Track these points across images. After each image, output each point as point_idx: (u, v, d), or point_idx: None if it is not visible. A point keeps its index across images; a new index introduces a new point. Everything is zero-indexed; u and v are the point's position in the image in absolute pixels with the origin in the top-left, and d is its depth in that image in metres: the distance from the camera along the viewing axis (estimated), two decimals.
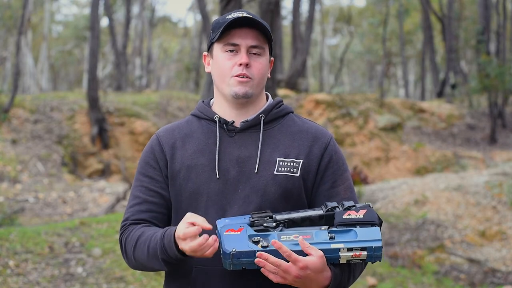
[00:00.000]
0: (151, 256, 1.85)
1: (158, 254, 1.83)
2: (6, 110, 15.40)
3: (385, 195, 10.32)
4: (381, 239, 1.77)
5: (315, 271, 1.73)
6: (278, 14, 10.26)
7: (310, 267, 1.72)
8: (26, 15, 19.75)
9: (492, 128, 17.14)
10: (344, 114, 17.35)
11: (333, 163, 1.99)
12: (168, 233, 1.82)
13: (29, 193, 11.74)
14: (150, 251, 1.85)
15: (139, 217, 1.96)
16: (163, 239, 1.82)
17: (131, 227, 1.96)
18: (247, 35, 1.93)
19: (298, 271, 1.72)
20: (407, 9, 28.70)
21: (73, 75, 41.49)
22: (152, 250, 1.85)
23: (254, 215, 1.82)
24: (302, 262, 1.71)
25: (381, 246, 1.76)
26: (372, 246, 1.76)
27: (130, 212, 1.98)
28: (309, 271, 1.73)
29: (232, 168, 1.93)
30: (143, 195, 1.98)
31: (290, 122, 2.03)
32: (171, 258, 1.82)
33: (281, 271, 1.72)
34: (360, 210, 1.83)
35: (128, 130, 16.49)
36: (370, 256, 1.77)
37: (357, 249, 1.76)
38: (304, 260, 1.72)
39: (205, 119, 2.02)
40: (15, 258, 6.08)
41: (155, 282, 5.90)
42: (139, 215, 1.96)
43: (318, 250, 1.74)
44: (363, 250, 1.76)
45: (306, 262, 1.72)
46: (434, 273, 7.43)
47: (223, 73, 1.95)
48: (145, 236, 1.89)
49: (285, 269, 1.72)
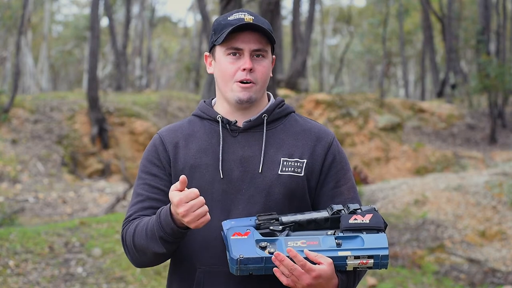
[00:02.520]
0: (149, 237, 1.84)
1: (156, 233, 1.82)
2: (6, 110, 15.40)
3: (385, 195, 10.31)
4: (387, 247, 1.77)
5: (326, 279, 1.74)
6: (278, 14, 10.26)
7: (322, 276, 1.73)
8: (26, 15, 19.75)
9: (492, 128, 17.14)
10: (344, 114, 17.35)
11: (336, 162, 1.98)
12: (164, 208, 1.82)
13: (29, 193, 11.74)
14: (148, 233, 1.84)
15: (142, 213, 1.95)
16: (160, 216, 1.81)
17: (131, 222, 1.95)
18: (250, 39, 1.91)
19: (311, 279, 1.73)
20: (407, 9, 28.68)
21: (73, 75, 41.48)
22: (150, 232, 1.83)
23: (260, 217, 1.82)
24: (316, 272, 1.72)
25: (387, 254, 1.76)
26: (379, 254, 1.76)
27: (133, 209, 1.97)
28: (321, 280, 1.73)
29: (236, 168, 1.92)
30: (146, 193, 1.97)
31: (293, 122, 2.02)
32: (167, 234, 1.80)
33: (294, 276, 1.72)
34: (366, 214, 1.82)
35: (128, 130, 16.49)
36: (376, 264, 1.77)
37: (364, 257, 1.76)
38: (318, 269, 1.72)
39: (208, 119, 2.01)
40: (15, 258, 6.08)
41: (155, 282, 5.90)
42: (142, 212, 1.95)
43: (327, 257, 1.74)
44: (370, 258, 1.76)
45: (320, 271, 1.72)
46: (434, 273, 7.43)
47: (226, 78, 1.94)
48: (143, 221, 1.88)
49: (299, 275, 1.72)
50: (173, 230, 1.79)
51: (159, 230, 1.81)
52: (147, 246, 1.86)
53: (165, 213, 1.80)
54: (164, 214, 1.80)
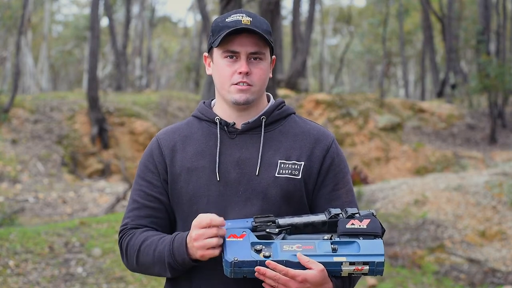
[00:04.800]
0: (156, 259, 1.84)
1: (165, 257, 1.81)
2: (6, 110, 15.40)
3: (385, 195, 10.31)
4: (383, 253, 1.76)
5: (315, 284, 1.72)
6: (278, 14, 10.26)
7: (309, 281, 1.71)
8: (26, 15, 19.76)
9: (492, 128, 17.14)
10: (344, 114, 17.35)
11: (335, 165, 1.96)
12: (179, 236, 1.81)
13: (29, 193, 11.74)
14: (155, 255, 1.84)
15: (138, 222, 1.95)
16: (173, 242, 1.81)
17: (131, 231, 1.94)
18: (247, 42, 1.89)
19: (297, 284, 1.71)
20: (407, 9, 28.68)
21: (73, 75, 41.48)
22: (158, 254, 1.83)
23: (257, 219, 1.81)
24: (300, 276, 1.70)
25: (383, 261, 1.75)
26: (374, 261, 1.75)
27: (130, 217, 1.97)
28: (309, 285, 1.72)
29: (233, 170, 1.91)
30: (141, 200, 1.96)
31: (292, 124, 2.01)
32: (177, 262, 1.80)
33: (281, 285, 1.71)
34: (364, 219, 1.80)
35: (128, 130, 16.49)
36: (372, 271, 1.76)
37: (360, 263, 1.74)
38: (303, 273, 1.71)
39: (206, 120, 2.01)
40: (15, 258, 6.08)
41: (155, 282, 5.90)
42: (139, 221, 1.95)
43: (319, 264, 1.73)
44: (365, 265, 1.74)
45: (305, 275, 1.71)
46: (434, 273, 7.43)
47: (223, 80, 1.93)
48: (150, 240, 1.87)
49: (284, 282, 1.71)
50: (184, 260, 1.79)
51: (169, 256, 1.81)
52: (152, 266, 1.86)
53: (179, 241, 1.80)
54: (178, 242, 1.80)
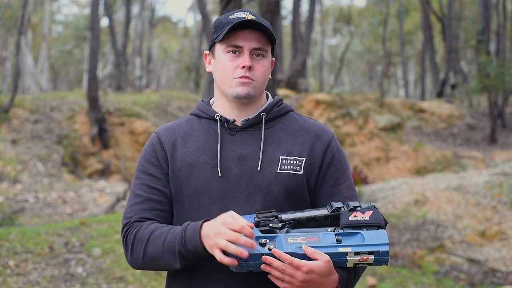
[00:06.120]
0: (166, 249, 1.81)
1: (176, 246, 1.79)
2: (6, 110, 15.40)
3: (385, 195, 10.31)
4: (388, 243, 1.77)
5: (321, 275, 1.73)
6: (278, 14, 10.25)
7: (315, 271, 1.71)
8: (26, 15, 19.75)
9: (492, 128, 17.14)
10: (344, 114, 17.35)
11: (335, 161, 1.98)
12: (192, 224, 1.79)
13: (29, 193, 11.74)
14: (165, 244, 1.81)
15: (143, 215, 1.92)
16: (185, 231, 1.79)
17: (137, 223, 1.91)
18: (251, 37, 1.91)
19: (303, 275, 1.71)
20: (407, 9, 28.69)
21: (73, 75, 41.48)
22: (168, 243, 1.81)
23: (260, 215, 1.81)
24: (306, 267, 1.70)
25: (388, 250, 1.76)
26: (379, 250, 1.76)
27: (133, 211, 1.94)
28: (315, 275, 1.72)
29: (234, 166, 1.91)
30: (144, 193, 1.94)
31: (292, 120, 2.02)
32: (188, 251, 1.78)
33: (287, 276, 1.71)
34: (366, 211, 1.82)
35: (128, 130, 16.49)
36: (377, 260, 1.77)
37: (365, 253, 1.75)
38: (309, 264, 1.71)
39: (206, 118, 2.01)
40: (15, 258, 6.08)
41: (155, 282, 5.90)
42: (143, 214, 1.93)
43: (325, 254, 1.73)
44: (371, 254, 1.76)
45: (310, 266, 1.71)
46: (434, 273, 7.43)
47: (226, 75, 1.93)
48: (160, 230, 1.85)
49: (291, 273, 1.71)
50: (196, 248, 1.77)
51: (180, 244, 1.79)
52: (161, 257, 1.83)
53: (193, 229, 1.78)
54: (191, 231, 1.78)
